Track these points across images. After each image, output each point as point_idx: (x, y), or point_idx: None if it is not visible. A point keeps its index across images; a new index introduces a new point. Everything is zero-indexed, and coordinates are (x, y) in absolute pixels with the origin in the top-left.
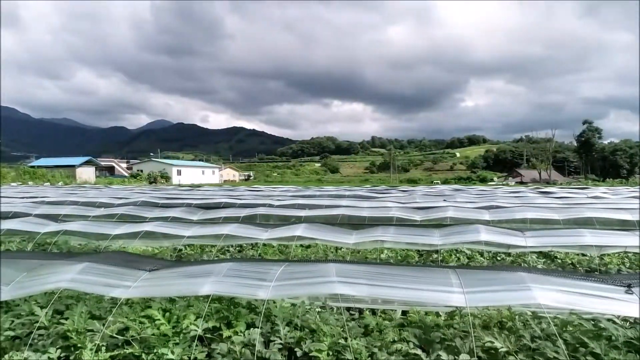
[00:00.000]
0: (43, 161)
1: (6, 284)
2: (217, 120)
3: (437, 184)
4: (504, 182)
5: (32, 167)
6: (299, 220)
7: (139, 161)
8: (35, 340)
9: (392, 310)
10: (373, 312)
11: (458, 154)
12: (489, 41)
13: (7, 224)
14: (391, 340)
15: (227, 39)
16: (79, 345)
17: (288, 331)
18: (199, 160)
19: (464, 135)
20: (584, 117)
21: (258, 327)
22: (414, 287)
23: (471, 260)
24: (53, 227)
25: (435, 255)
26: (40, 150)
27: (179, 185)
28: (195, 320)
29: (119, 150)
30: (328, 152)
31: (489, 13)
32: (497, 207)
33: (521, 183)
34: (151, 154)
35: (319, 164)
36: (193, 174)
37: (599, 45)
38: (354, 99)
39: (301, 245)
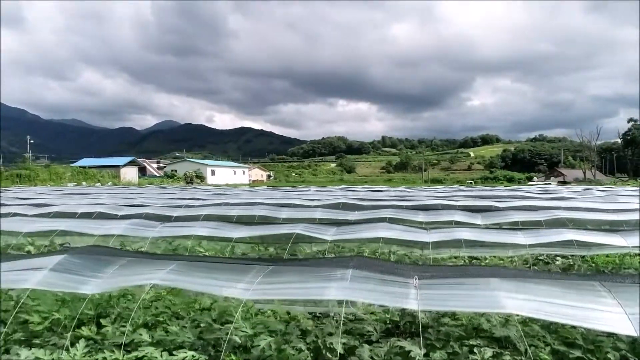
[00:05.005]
0: (86, 161)
1: None
2: (223, 120)
3: (471, 184)
4: (545, 182)
5: (82, 167)
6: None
7: (169, 161)
8: None
9: None
10: None
11: (472, 154)
12: (495, 39)
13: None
14: None
15: (230, 38)
16: None
17: None
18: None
19: (473, 134)
20: (593, 116)
21: None
22: None
23: None
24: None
25: None
26: (51, 151)
27: (245, 185)
28: None
29: (129, 150)
30: (340, 152)
31: (495, 10)
32: None
33: (564, 183)
34: (176, 153)
35: (334, 164)
36: (226, 174)
37: (608, 42)
38: (360, 98)
39: None
